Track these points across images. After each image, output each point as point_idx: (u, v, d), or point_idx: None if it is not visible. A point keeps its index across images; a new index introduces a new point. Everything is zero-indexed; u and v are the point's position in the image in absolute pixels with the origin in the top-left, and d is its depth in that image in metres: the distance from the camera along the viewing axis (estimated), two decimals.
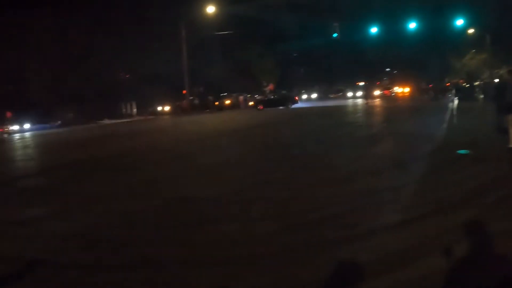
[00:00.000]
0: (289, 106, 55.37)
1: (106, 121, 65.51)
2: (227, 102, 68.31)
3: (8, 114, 66.06)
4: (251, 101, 67.76)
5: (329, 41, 64.17)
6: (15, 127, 64.65)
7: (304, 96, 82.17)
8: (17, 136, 54.44)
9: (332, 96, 79.07)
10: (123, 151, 22.40)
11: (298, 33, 74.38)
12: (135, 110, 75.43)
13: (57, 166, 19.44)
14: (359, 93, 70.24)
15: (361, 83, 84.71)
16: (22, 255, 7.52)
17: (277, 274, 5.68)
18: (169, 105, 69.89)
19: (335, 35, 56.01)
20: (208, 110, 64.33)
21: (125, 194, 11.65)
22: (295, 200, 9.26)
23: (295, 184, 10.93)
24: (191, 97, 69.16)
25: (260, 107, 56.87)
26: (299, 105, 57.79)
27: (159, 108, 68.39)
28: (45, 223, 9.57)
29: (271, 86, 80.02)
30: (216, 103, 69.28)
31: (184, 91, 66.26)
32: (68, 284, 6.07)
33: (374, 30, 56.92)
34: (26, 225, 9.56)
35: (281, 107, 54.17)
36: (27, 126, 66.60)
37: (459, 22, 52.92)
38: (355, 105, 48.37)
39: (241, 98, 69.01)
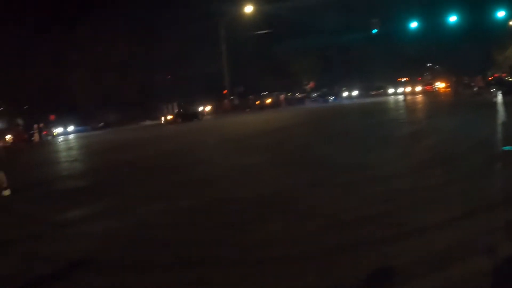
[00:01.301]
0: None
1: (148, 122, 66.20)
2: (268, 101, 68.25)
3: (52, 117, 67.33)
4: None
5: (369, 37, 63.73)
6: (59, 130, 65.90)
7: (345, 94, 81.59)
8: (61, 138, 55.41)
9: (373, 93, 78.28)
10: (166, 151, 22.73)
11: (338, 30, 74.06)
12: (176, 110, 76.07)
13: (101, 167, 19.95)
14: (400, 90, 69.34)
15: (402, 79, 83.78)
16: (68, 255, 7.63)
17: (323, 273, 5.62)
18: (210, 105, 70.22)
19: (375, 31, 55.66)
20: (249, 110, 64.34)
21: (170, 194, 11.77)
22: (340, 199, 9.14)
23: (339, 183, 10.75)
24: (232, 97, 69.41)
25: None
26: (340, 102, 57.59)
27: (200, 109, 68.80)
28: (91, 223, 9.75)
29: (311, 84, 79.89)
30: (257, 102, 69.27)
31: (225, 91, 66.57)
32: (116, 284, 6.14)
33: (414, 24, 56.37)
34: (73, 225, 9.77)
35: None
36: (70, 128, 67.82)
37: (501, 14, 52.04)
38: (396, 102, 47.53)
39: (282, 96, 68.92)
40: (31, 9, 66.47)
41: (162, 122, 56.76)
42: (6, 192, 14.16)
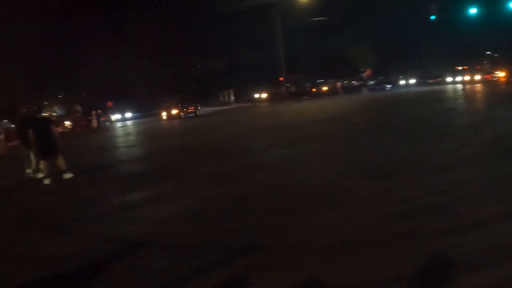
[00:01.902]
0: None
1: (204, 109, 67.06)
2: (324, 88, 68.07)
3: (109, 104, 68.99)
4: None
5: (427, 24, 62.72)
6: (117, 116, 67.47)
7: (402, 82, 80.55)
8: (118, 124, 56.56)
9: (430, 81, 76.83)
10: (220, 138, 22.91)
11: (395, 16, 73.05)
12: (232, 97, 76.69)
13: (159, 152, 20.42)
14: (459, 78, 67.97)
15: (460, 68, 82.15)
16: (130, 236, 7.87)
17: (375, 262, 5.53)
18: (266, 92, 70.53)
19: (432, 17, 54.71)
20: (305, 97, 64.17)
21: (228, 180, 11.87)
22: (398, 188, 8.93)
23: (397, 172, 10.53)
24: (288, 84, 69.52)
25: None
26: (397, 90, 57.06)
27: (256, 96, 69.17)
28: (151, 206, 9.96)
29: (368, 72, 79.30)
30: (314, 89, 69.14)
31: (281, 78, 66.75)
32: (177, 266, 6.20)
33: (473, 11, 54.99)
34: (133, 208, 10.02)
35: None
36: (128, 114, 69.32)
37: None
38: (455, 91, 46.35)
39: (338, 84, 68.64)
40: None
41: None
42: (67, 175, 14.77)
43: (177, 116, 56.02)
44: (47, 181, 14.51)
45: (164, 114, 58.36)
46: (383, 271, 5.27)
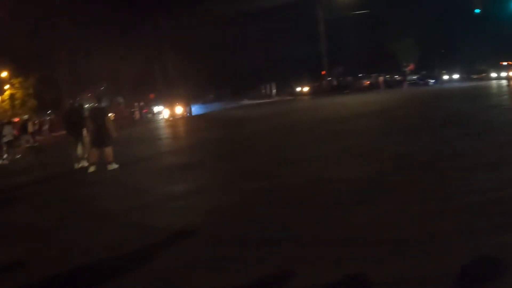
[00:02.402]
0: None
1: (246, 102, 67.36)
2: (367, 82, 67.67)
3: (151, 96, 69.96)
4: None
5: (471, 17, 61.69)
6: (159, 108, 68.50)
7: (445, 77, 79.42)
8: (161, 116, 57.12)
9: (474, 77, 75.49)
10: (262, 130, 23.06)
11: (438, 10, 71.99)
12: (274, 91, 76.88)
13: (202, 144, 20.67)
14: (504, 74, 66.46)
15: (505, 63, 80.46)
16: (175, 226, 7.96)
17: (421, 259, 5.43)
18: (307, 86, 70.49)
19: (477, 11, 53.80)
20: (347, 91, 63.85)
21: (270, 173, 11.84)
22: (445, 185, 8.76)
23: (443, 168, 10.29)
24: (330, 78, 69.39)
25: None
26: (440, 85, 56.44)
27: (298, 89, 69.18)
28: (194, 197, 10.10)
29: (411, 67, 78.55)
30: (356, 83, 68.79)
31: (323, 72, 66.65)
32: (218, 258, 6.23)
33: None
34: (177, 198, 10.18)
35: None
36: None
37: None
38: (499, 87, 44.89)
39: (380, 78, 68.17)
40: None
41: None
42: (113, 166, 15.13)
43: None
44: (92, 169, 15.03)
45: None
46: (429, 268, 5.21)
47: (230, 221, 7.93)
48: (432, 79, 72.04)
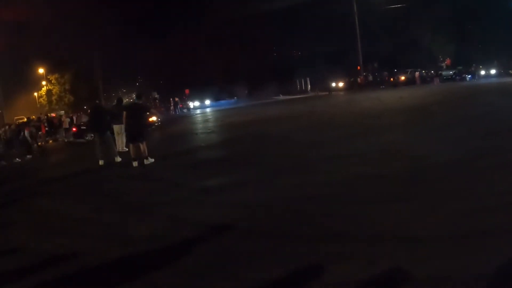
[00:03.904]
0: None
1: (281, 97, 67.34)
2: (402, 78, 66.97)
3: (187, 91, 70.43)
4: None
5: (508, 11, 60.62)
6: (195, 103, 68.81)
7: (482, 72, 78.16)
8: (197, 111, 57.41)
9: None
10: (299, 126, 22.77)
11: (475, 3, 70.78)
12: (309, 86, 76.71)
13: (237, 139, 20.68)
14: None
15: None
16: (211, 220, 8.07)
17: (459, 258, 5.37)
18: (343, 81, 70.15)
19: None
20: (382, 86, 63.28)
21: (309, 168, 11.82)
22: (486, 183, 8.52)
23: (485, 166, 9.92)
24: (365, 73, 68.91)
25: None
26: (477, 80, 55.67)
27: (333, 84, 68.87)
28: (230, 192, 10.14)
29: (447, 61, 77.59)
30: (391, 79, 68.17)
31: (358, 67, 66.22)
32: (254, 252, 6.30)
33: None
34: (213, 193, 10.28)
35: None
36: (206, 102, 70.56)
37: None
38: None
39: (416, 74, 67.37)
40: None
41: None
42: (149, 160, 15.51)
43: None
44: (134, 164, 15.43)
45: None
46: (467, 267, 5.15)
47: (267, 216, 7.98)
48: (469, 74, 70.98)
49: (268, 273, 5.56)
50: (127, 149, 17.69)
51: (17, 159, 24.64)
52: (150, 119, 27.46)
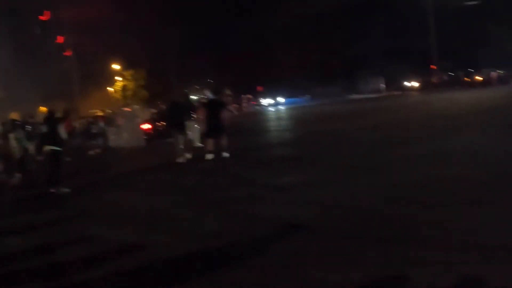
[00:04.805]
0: None
1: (354, 96, 67.01)
2: (478, 78, 65.19)
3: (259, 89, 71.04)
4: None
5: None
6: (268, 100, 69.37)
7: None
8: (270, 108, 57.63)
9: None
10: (378, 124, 22.57)
11: None
12: (382, 85, 76.04)
13: (311, 137, 20.67)
14: None
15: None
16: (286, 218, 8.00)
17: None
18: (416, 80, 69.13)
19: None
20: (457, 87, 61.71)
21: (384, 168, 11.52)
22: None
23: None
24: (440, 73, 67.62)
25: None
26: None
27: (407, 84, 67.99)
28: (304, 190, 10.04)
29: None
30: (466, 78, 66.48)
31: (433, 66, 65.11)
32: (327, 253, 6.23)
33: None
34: (287, 190, 10.21)
35: None
36: (279, 99, 71.02)
37: None
38: None
39: (493, 74, 65.44)
40: None
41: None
42: (225, 154, 16.23)
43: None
44: (209, 157, 16.13)
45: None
46: None
47: (341, 216, 7.87)
48: None
49: (342, 275, 5.52)
50: (201, 145, 18.36)
51: (94, 151, 25.44)
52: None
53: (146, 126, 27.46)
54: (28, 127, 19.06)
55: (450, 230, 6.57)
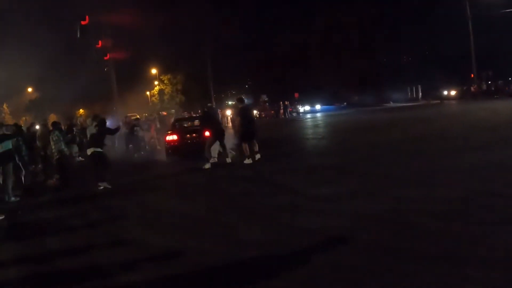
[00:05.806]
0: None
1: (391, 104, 66.61)
2: None
3: (296, 95, 71.23)
4: None
5: None
6: (306, 107, 69.50)
7: None
8: (307, 115, 57.59)
9: None
10: (416, 135, 22.09)
11: None
12: (420, 94, 75.50)
13: (349, 146, 20.53)
14: None
15: None
16: (325, 229, 7.96)
17: None
18: (455, 89, 68.38)
19: None
20: (496, 96, 60.59)
21: (423, 181, 11.24)
22: None
23: None
24: (478, 82, 66.81)
25: None
26: None
27: (445, 93, 67.31)
28: (343, 201, 9.96)
29: None
30: (507, 88, 65.37)
31: (472, 75, 64.40)
32: (371, 267, 6.16)
33: None
34: (326, 200, 10.14)
35: None
36: (317, 106, 71.14)
37: None
38: None
39: None
40: None
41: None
42: (258, 156, 17.07)
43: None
44: (248, 161, 16.68)
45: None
46: None
47: (383, 230, 7.72)
48: None
49: None
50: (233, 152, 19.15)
51: (136, 153, 25.63)
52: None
53: (172, 137, 21.73)
54: (76, 130, 19.63)
55: (492, 248, 6.41)
